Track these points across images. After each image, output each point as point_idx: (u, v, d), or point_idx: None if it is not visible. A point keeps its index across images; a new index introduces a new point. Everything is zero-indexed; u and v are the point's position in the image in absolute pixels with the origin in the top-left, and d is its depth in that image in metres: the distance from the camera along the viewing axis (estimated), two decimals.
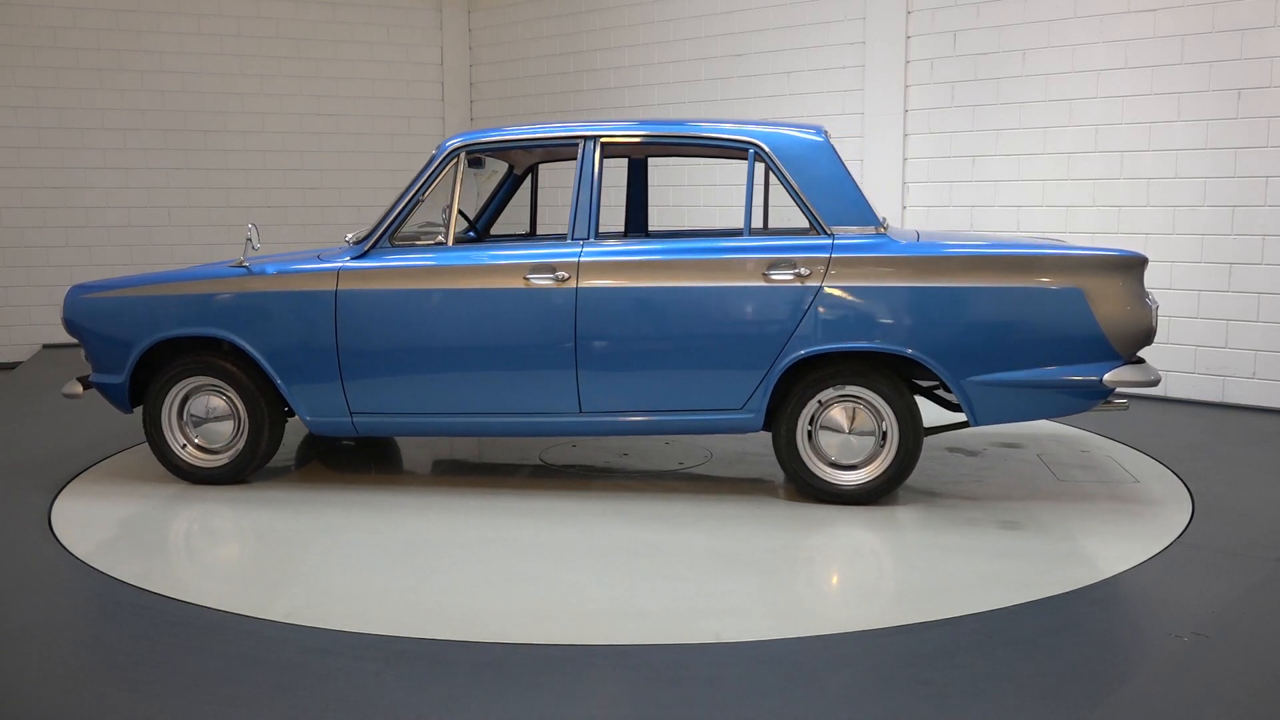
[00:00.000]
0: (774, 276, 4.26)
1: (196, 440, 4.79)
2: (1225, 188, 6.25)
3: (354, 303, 4.52)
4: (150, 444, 4.79)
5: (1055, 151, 6.83)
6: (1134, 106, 6.51)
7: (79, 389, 4.91)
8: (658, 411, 4.42)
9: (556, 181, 5.76)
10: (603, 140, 4.53)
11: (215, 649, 3.06)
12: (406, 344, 4.49)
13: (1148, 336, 4.16)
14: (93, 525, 4.22)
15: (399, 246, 4.59)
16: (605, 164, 4.63)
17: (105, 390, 4.86)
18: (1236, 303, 6.28)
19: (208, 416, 4.75)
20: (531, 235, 5.70)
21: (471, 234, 5.49)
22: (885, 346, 4.21)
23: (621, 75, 9.10)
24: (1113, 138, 6.60)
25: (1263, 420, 5.98)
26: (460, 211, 5.32)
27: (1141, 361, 4.21)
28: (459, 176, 4.57)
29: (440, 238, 4.60)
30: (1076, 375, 4.12)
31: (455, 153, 4.59)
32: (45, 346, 8.99)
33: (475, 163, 5.07)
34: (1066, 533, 4.02)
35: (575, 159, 4.60)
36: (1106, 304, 4.10)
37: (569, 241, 4.47)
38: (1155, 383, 4.17)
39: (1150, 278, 6.43)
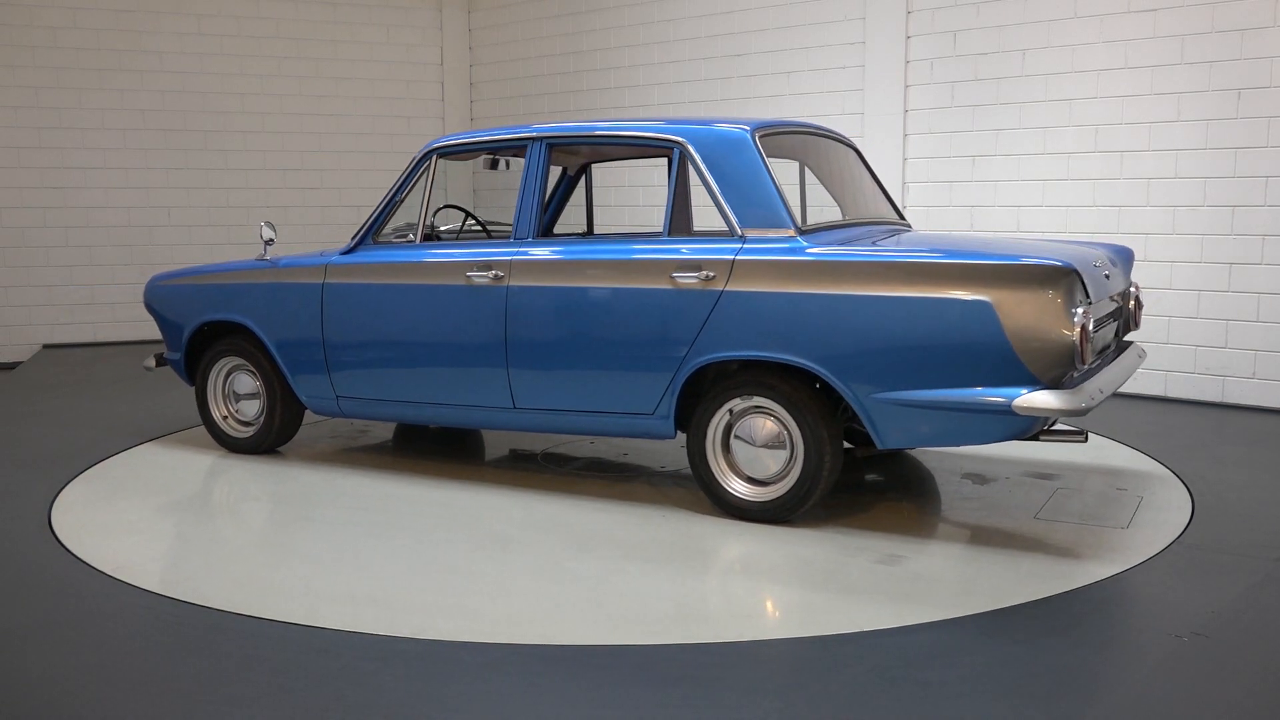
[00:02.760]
0: (680, 280, 4.11)
1: (236, 413, 5.39)
2: (1225, 188, 6.25)
3: (336, 295, 4.93)
4: (200, 413, 5.44)
5: (1055, 151, 6.83)
6: (1134, 106, 6.51)
7: (153, 363, 5.67)
8: (579, 412, 4.43)
9: (613, 180, 5.91)
10: (547, 142, 4.57)
11: (215, 649, 3.06)
12: (376, 334, 4.84)
13: (1069, 358, 3.57)
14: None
15: (380, 244, 4.93)
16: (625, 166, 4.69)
17: (172, 365, 5.55)
18: (1236, 303, 6.28)
19: (243, 394, 5.34)
20: (589, 234, 5.80)
21: None
22: (782, 356, 3.94)
23: (621, 75, 9.10)
24: (1113, 138, 6.60)
25: (1263, 420, 5.98)
26: (463, 209, 5.47)
27: (1071, 387, 3.63)
28: (432, 177, 4.82)
29: (411, 236, 4.91)
30: (984, 398, 3.62)
31: (429, 154, 4.83)
32: (45, 346, 8.99)
33: (493, 164, 5.17)
34: (921, 576, 3.56)
35: (620, 158, 4.71)
36: (1020, 319, 3.57)
37: (511, 241, 4.59)
38: (1082, 412, 3.54)
39: (1150, 277, 6.48)
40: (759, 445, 4.10)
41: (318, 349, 4.99)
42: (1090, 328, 3.57)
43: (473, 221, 5.46)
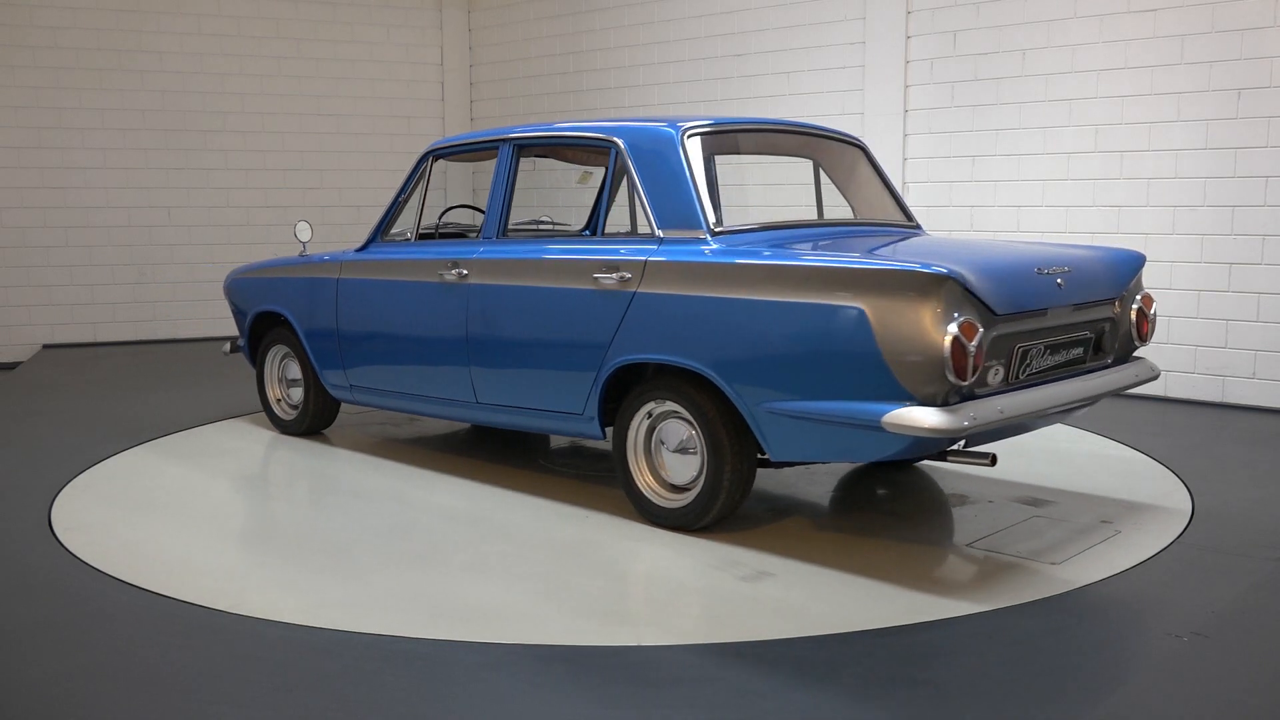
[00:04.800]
0: (602, 280, 4.10)
1: (287, 398, 5.80)
2: (1225, 188, 6.25)
3: (347, 290, 5.22)
4: (259, 395, 5.92)
5: (1055, 151, 6.83)
6: (1134, 106, 6.51)
7: (228, 349, 6.12)
8: (525, 409, 4.50)
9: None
10: (513, 143, 4.68)
11: (215, 649, 3.06)
12: (376, 327, 5.09)
13: (939, 372, 3.29)
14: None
15: (386, 243, 5.17)
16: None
17: (243, 351, 5.99)
18: (1236, 303, 6.28)
19: (292, 380, 5.75)
20: (633, 232, 5.77)
21: (587, 232, 5.86)
22: (681, 360, 3.84)
23: (621, 75, 9.11)
24: (1113, 138, 6.60)
25: (1263, 420, 5.99)
26: (481, 210, 5.51)
27: (950, 404, 3.34)
28: (429, 178, 5.06)
29: (409, 234, 5.11)
30: (856, 413, 3.41)
31: (427, 156, 5.03)
32: (45, 346, 8.99)
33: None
34: (760, 599, 3.38)
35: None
36: (891, 328, 3.33)
37: (479, 240, 4.74)
38: (957, 434, 3.27)
39: (1150, 278, 6.47)
40: (672, 450, 4.04)
41: (334, 339, 5.30)
42: (969, 341, 3.29)
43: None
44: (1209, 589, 3.44)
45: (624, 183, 5.75)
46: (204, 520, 4.33)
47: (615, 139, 4.25)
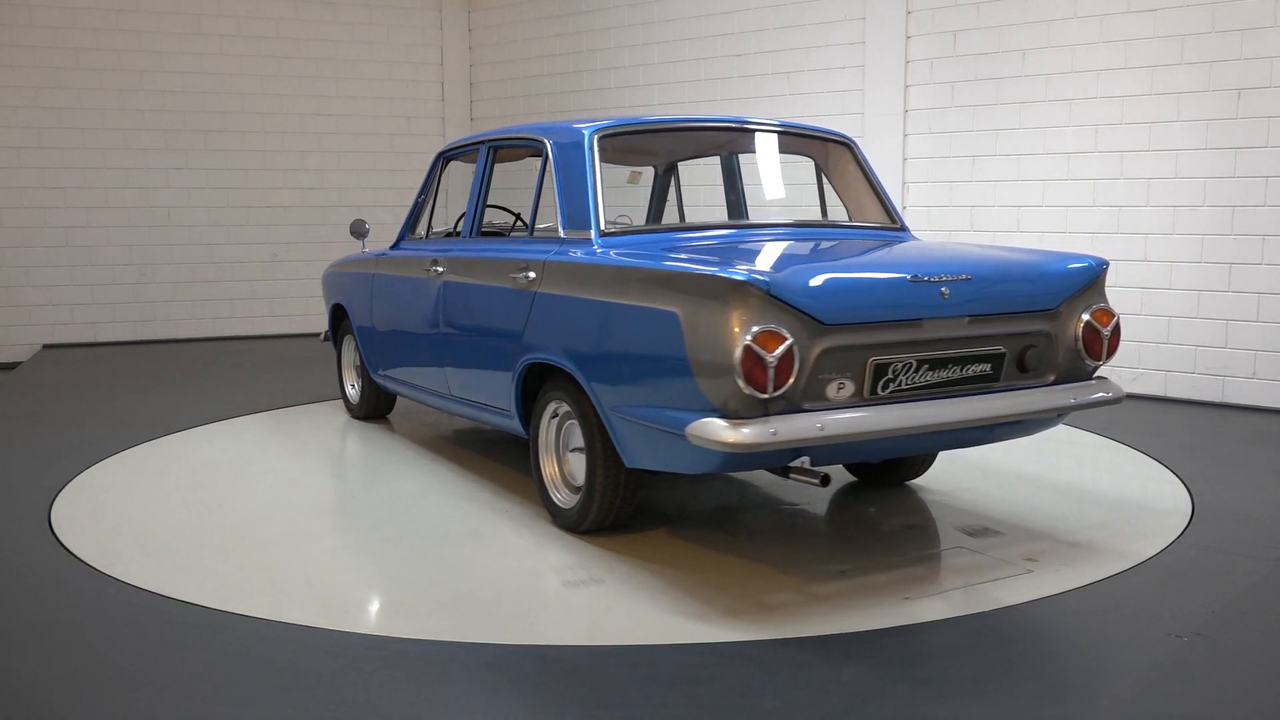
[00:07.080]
0: (517, 279, 4.15)
1: (356, 384, 6.16)
2: (1225, 188, 6.25)
3: (378, 284, 5.55)
4: (338, 381, 6.40)
5: (1055, 151, 6.83)
6: (1134, 106, 6.51)
7: (321, 337, 6.61)
8: (476, 404, 4.65)
9: (698, 179, 6.06)
10: (489, 145, 4.81)
11: (215, 649, 3.06)
12: (395, 321, 5.37)
13: (731, 382, 3.08)
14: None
15: (411, 242, 5.42)
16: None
17: (330, 340, 6.42)
18: (1236, 303, 6.28)
19: (359, 367, 6.07)
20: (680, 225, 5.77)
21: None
22: (558, 360, 3.84)
23: (621, 75, 9.11)
24: (1113, 138, 6.61)
25: (1263, 420, 5.98)
26: (511, 211, 5.64)
27: (769, 416, 3.13)
28: (438, 179, 5.31)
29: (422, 233, 5.38)
30: (669, 421, 3.27)
31: (439, 158, 5.27)
32: (45, 346, 8.99)
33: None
34: (574, 605, 3.31)
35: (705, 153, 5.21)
36: (697, 335, 3.17)
37: (460, 239, 4.94)
38: (753, 449, 3.06)
39: (1150, 278, 6.48)
40: (571, 450, 4.03)
41: (371, 329, 5.65)
42: (768, 352, 3.06)
43: (520, 223, 5.47)
44: (1209, 589, 3.44)
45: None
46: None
47: (544, 139, 4.30)
